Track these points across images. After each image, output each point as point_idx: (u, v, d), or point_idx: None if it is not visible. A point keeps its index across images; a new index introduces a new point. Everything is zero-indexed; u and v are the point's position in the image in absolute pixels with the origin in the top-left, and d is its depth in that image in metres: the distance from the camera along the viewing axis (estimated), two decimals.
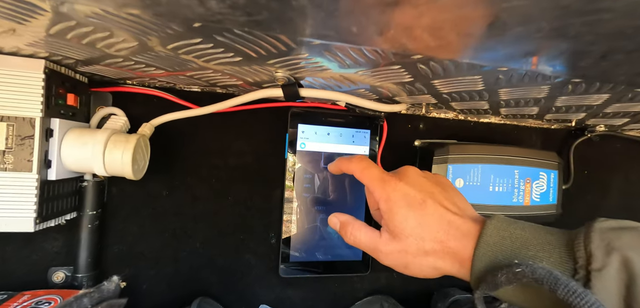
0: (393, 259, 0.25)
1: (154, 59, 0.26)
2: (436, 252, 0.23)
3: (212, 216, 0.39)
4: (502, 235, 0.21)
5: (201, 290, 0.39)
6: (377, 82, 0.31)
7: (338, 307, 0.43)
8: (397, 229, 0.24)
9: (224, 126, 0.39)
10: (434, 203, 0.24)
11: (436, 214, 0.24)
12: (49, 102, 0.27)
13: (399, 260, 0.24)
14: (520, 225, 0.22)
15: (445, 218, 0.24)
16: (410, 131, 0.45)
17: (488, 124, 0.48)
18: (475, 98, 0.35)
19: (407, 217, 0.24)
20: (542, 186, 0.45)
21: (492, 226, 0.22)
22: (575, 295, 0.16)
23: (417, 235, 0.24)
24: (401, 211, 0.24)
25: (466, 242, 0.23)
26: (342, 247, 0.41)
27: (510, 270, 0.19)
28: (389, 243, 0.25)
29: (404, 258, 0.24)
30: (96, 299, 0.20)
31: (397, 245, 0.24)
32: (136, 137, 0.30)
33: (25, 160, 0.26)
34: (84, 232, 0.33)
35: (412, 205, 0.24)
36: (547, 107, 0.38)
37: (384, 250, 0.25)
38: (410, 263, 0.24)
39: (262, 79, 0.31)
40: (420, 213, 0.24)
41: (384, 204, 0.25)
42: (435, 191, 0.25)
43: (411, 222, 0.24)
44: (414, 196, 0.25)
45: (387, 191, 0.25)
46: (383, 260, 0.25)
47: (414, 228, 0.24)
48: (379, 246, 0.25)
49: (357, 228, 0.27)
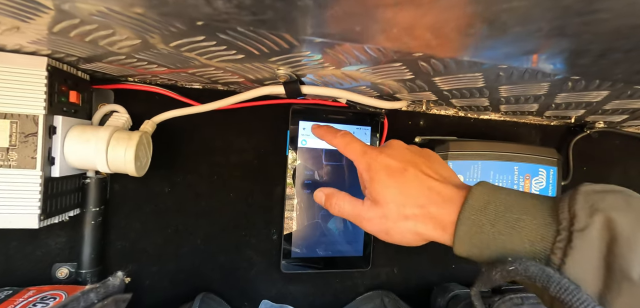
0: (374, 225, 0.25)
1: (156, 57, 0.26)
2: (416, 216, 0.24)
3: (214, 213, 0.40)
4: (487, 199, 0.21)
5: (203, 285, 0.39)
6: (378, 79, 0.31)
7: (339, 302, 0.44)
8: (378, 196, 0.25)
9: (226, 123, 0.40)
10: (415, 170, 0.25)
11: (416, 181, 0.24)
12: (52, 100, 0.27)
13: (380, 225, 0.25)
14: (505, 191, 0.22)
15: (425, 184, 0.24)
16: (411, 128, 0.45)
17: (488, 120, 0.49)
18: (476, 95, 0.35)
19: (388, 185, 0.25)
20: (541, 182, 0.45)
21: (478, 191, 0.22)
22: (567, 292, 0.16)
23: (398, 201, 0.24)
24: (381, 178, 0.25)
25: (449, 207, 0.23)
26: (343, 243, 0.42)
27: (503, 267, 0.19)
28: (370, 209, 0.25)
29: (385, 223, 0.25)
30: (102, 294, 0.20)
31: (378, 211, 0.25)
32: (139, 134, 0.30)
33: (29, 157, 0.26)
34: (87, 229, 0.33)
35: (393, 173, 0.25)
36: (546, 104, 0.38)
37: (366, 216, 0.25)
38: (390, 228, 0.25)
39: (263, 76, 0.31)
40: (400, 180, 0.24)
41: (365, 174, 0.26)
42: (417, 161, 0.26)
43: (392, 190, 0.24)
44: (394, 165, 0.25)
45: (368, 161, 0.26)
46: (366, 227, 0.26)
47: (394, 195, 0.24)
48: (361, 213, 0.26)
49: (342, 198, 0.28)
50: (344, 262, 0.42)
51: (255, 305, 0.41)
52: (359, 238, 0.42)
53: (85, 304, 0.19)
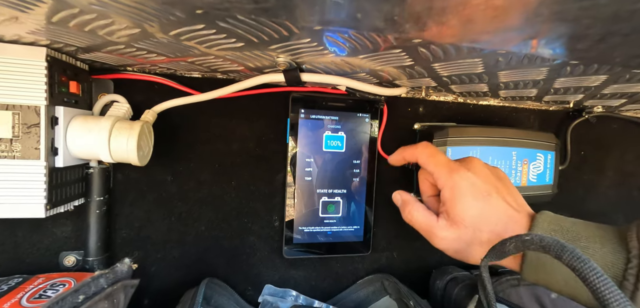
0: (447, 244, 0.25)
1: (155, 46, 0.26)
2: (490, 243, 0.23)
3: (217, 200, 0.40)
4: (553, 228, 0.22)
5: (208, 271, 0.40)
6: (377, 66, 0.31)
7: (340, 286, 0.45)
8: (457, 217, 0.25)
9: (226, 112, 0.40)
10: (498, 197, 0.25)
11: (499, 208, 0.25)
12: (53, 90, 0.28)
13: (453, 245, 0.25)
14: (570, 220, 0.23)
15: (506, 213, 0.24)
16: (410, 114, 0.46)
17: (487, 106, 0.49)
18: (475, 81, 0.35)
19: (471, 207, 0.25)
20: (539, 167, 0.46)
21: (542, 219, 0.23)
22: (579, 260, 0.17)
23: (476, 226, 0.24)
24: (466, 200, 0.25)
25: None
26: (344, 228, 0.43)
27: (519, 239, 0.20)
28: (445, 228, 0.25)
29: (458, 245, 0.25)
30: (112, 279, 0.21)
31: (453, 231, 0.25)
32: (140, 124, 0.31)
33: (33, 148, 0.27)
34: (93, 217, 0.34)
35: (478, 196, 0.25)
36: (545, 88, 0.38)
37: (439, 235, 0.26)
38: (463, 250, 0.25)
39: (263, 64, 0.31)
40: (484, 204, 0.25)
41: (448, 191, 0.26)
42: (499, 186, 0.26)
43: (473, 212, 0.25)
44: (480, 187, 0.25)
45: (455, 179, 0.26)
46: (436, 243, 0.26)
47: (474, 218, 0.24)
48: (435, 230, 0.26)
49: (416, 208, 0.28)
50: (344, 247, 0.43)
51: (258, 289, 0.42)
52: (359, 224, 0.43)
53: (95, 289, 0.20)
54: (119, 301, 0.21)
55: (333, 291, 0.44)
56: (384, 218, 0.45)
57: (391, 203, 0.33)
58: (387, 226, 0.45)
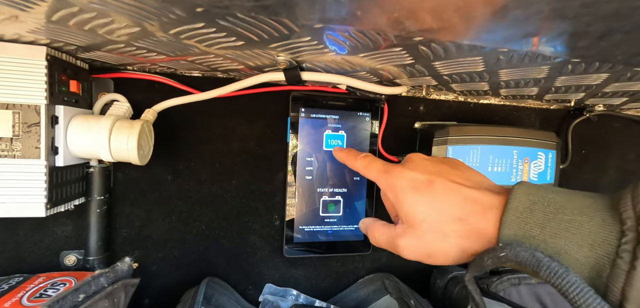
0: (413, 250, 0.23)
1: (155, 44, 0.26)
2: (457, 232, 0.21)
3: (217, 199, 0.40)
4: (532, 200, 0.19)
5: (208, 270, 0.40)
6: (378, 65, 0.31)
7: (340, 285, 0.45)
8: (408, 216, 0.23)
9: (226, 111, 0.40)
10: (443, 180, 0.22)
11: (448, 191, 0.22)
12: (53, 89, 0.28)
13: (419, 249, 0.22)
14: (552, 190, 0.19)
15: (459, 194, 0.22)
16: (411, 113, 0.46)
17: (488, 105, 0.49)
18: (476, 79, 0.35)
19: (416, 202, 0.22)
20: (540, 166, 0.46)
21: (521, 192, 0.19)
22: (556, 276, 0.16)
23: (432, 219, 0.22)
24: (407, 197, 0.23)
25: (490, 215, 0.20)
26: (344, 227, 0.43)
27: (494, 254, 0.19)
28: (404, 234, 0.23)
29: (424, 247, 0.22)
30: (112, 278, 0.21)
31: (413, 234, 0.22)
32: (140, 123, 0.31)
33: (33, 147, 0.27)
34: (93, 217, 0.34)
35: (418, 188, 0.23)
36: (546, 87, 0.38)
37: (401, 244, 0.23)
38: (431, 251, 0.22)
39: (263, 63, 0.31)
40: (428, 194, 0.22)
41: (390, 194, 0.24)
42: (442, 170, 0.24)
43: (421, 206, 0.22)
44: (418, 178, 0.23)
45: (391, 180, 0.24)
46: (405, 255, 0.23)
47: (426, 212, 0.22)
48: (396, 241, 0.24)
49: (375, 228, 0.26)
50: (345, 246, 0.43)
51: (259, 288, 0.42)
52: None
53: (96, 288, 0.20)
54: (119, 300, 0.21)
55: (334, 290, 0.44)
56: (385, 217, 0.45)
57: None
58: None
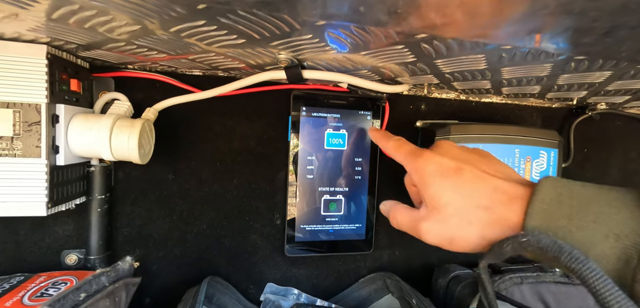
0: (435, 235, 0.23)
1: (155, 43, 0.26)
2: (481, 221, 0.21)
3: (218, 198, 0.40)
4: (559, 192, 0.19)
5: (210, 270, 0.40)
6: (379, 63, 0.30)
7: (342, 284, 0.45)
8: (433, 200, 0.23)
9: (227, 110, 0.39)
10: (471, 168, 0.22)
11: (476, 180, 0.22)
12: (53, 88, 0.27)
13: (442, 234, 0.22)
14: (579, 183, 0.20)
15: (486, 183, 0.22)
16: (412, 112, 0.45)
17: (489, 103, 0.48)
18: (478, 77, 0.35)
19: (443, 186, 0.22)
20: (542, 164, 0.45)
21: (548, 184, 0.20)
22: (577, 262, 0.16)
23: (458, 205, 0.22)
24: (435, 180, 0.23)
25: (517, 205, 0.20)
26: (346, 227, 0.42)
27: (515, 240, 0.19)
28: (427, 218, 0.23)
29: (447, 231, 0.22)
30: (113, 278, 0.21)
31: (436, 219, 0.22)
32: (141, 122, 0.31)
33: (34, 146, 0.27)
34: (94, 216, 0.34)
35: (446, 173, 0.23)
36: (549, 85, 0.38)
37: (424, 227, 0.23)
38: (454, 236, 0.22)
39: (264, 62, 0.31)
40: (456, 180, 0.22)
41: (416, 177, 0.24)
42: (473, 159, 0.24)
43: (448, 192, 0.22)
44: (447, 164, 0.23)
45: (419, 163, 0.24)
46: (426, 239, 0.23)
47: (452, 198, 0.22)
48: (419, 224, 0.23)
49: (397, 210, 0.26)
50: (346, 245, 0.43)
51: (260, 288, 0.42)
52: (361, 222, 0.43)
53: (97, 287, 0.20)
54: (120, 299, 0.21)
55: (335, 289, 0.44)
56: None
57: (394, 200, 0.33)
58: (389, 224, 0.45)
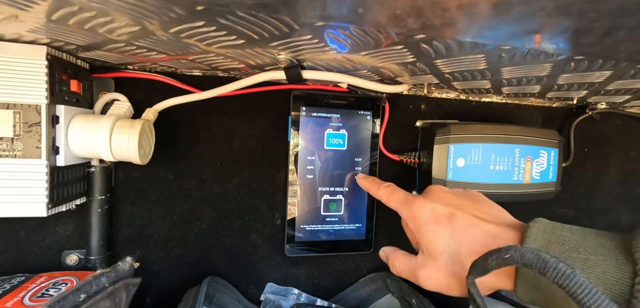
0: (433, 282, 0.23)
1: (155, 43, 0.26)
2: None
3: (218, 199, 0.40)
4: (548, 238, 0.20)
5: (210, 270, 0.40)
6: (379, 63, 0.30)
7: (342, 284, 0.45)
8: (429, 247, 0.23)
9: (227, 110, 0.40)
10: (463, 214, 0.23)
11: (467, 225, 0.23)
12: (53, 89, 0.27)
13: (439, 281, 0.23)
14: (566, 228, 0.20)
15: (479, 228, 0.22)
16: (412, 112, 0.45)
17: (489, 103, 0.48)
18: (478, 77, 0.35)
19: (437, 233, 0.23)
20: (543, 164, 0.45)
21: (536, 229, 0.20)
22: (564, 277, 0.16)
23: (452, 251, 0.22)
24: (429, 228, 0.24)
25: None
26: (346, 227, 0.43)
27: (499, 255, 0.19)
28: (425, 266, 0.24)
29: (443, 278, 0.23)
30: (113, 278, 0.21)
31: (433, 265, 0.23)
32: (141, 122, 0.31)
33: (34, 147, 0.27)
34: (95, 216, 0.34)
35: (440, 220, 0.23)
36: (549, 85, 0.38)
37: (422, 274, 0.24)
38: (451, 283, 0.22)
39: (264, 62, 0.31)
40: (449, 227, 0.23)
41: (412, 224, 0.25)
42: (463, 203, 0.24)
43: (442, 238, 0.23)
44: (440, 211, 0.24)
45: (413, 210, 0.25)
46: (425, 285, 0.24)
47: (446, 245, 0.23)
48: (416, 271, 0.24)
49: (396, 257, 0.27)
50: (346, 245, 0.43)
51: (260, 288, 0.42)
52: (361, 222, 0.43)
53: (97, 288, 0.20)
54: (121, 300, 0.21)
55: (335, 289, 0.44)
56: (386, 216, 0.45)
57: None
58: (389, 224, 0.45)
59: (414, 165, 0.44)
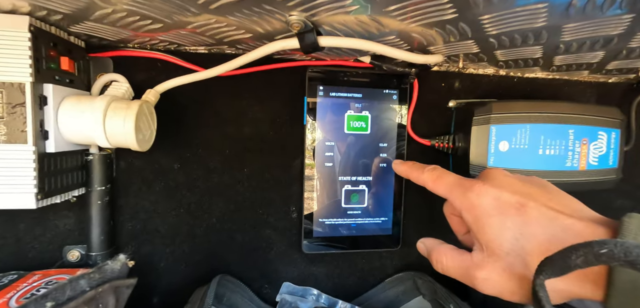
0: (494, 285, 0.20)
1: (147, 7, 0.23)
2: None
3: (228, 189, 0.36)
4: None
5: (221, 267, 0.37)
6: (410, 24, 0.25)
7: (366, 284, 0.40)
8: (491, 244, 0.19)
9: (237, 92, 0.36)
10: (537, 205, 0.19)
11: (543, 219, 0.19)
12: (39, 66, 0.24)
13: (503, 285, 0.19)
14: None
15: (557, 224, 0.18)
16: (444, 90, 0.40)
17: (533, 79, 0.42)
18: (530, 40, 0.29)
19: (503, 228, 0.19)
20: (601, 147, 0.39)
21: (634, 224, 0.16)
22: None
23: (521, 250, 0.19)
24: (493, 221, 0.19)
25: None
26: (370, 221, 0.38)
27: (590, 250, 0.14)
28: (485, 265, 0.20)
29: (508, 282, 0.19)
30: (97, 281, 0.18)
31: (495, 265, 0.19)
32: (138, 103, 0.27)
33: (19, 131, 0.24)
34: (94, 209, 0.31)
35: (507, 211, 0.19)
36: (617, 50, 0.31)
37: (479, 276, 0.20)
38: (516, 288, 0.19)
39: (274, 28, 0.26)
40: (520, 220, 0.19)
41: (468, 215, 0.21)
42: (534, 192, 0.20)
43: (510, 233, 0.19)
44: (507, 200, 0.20)
45: (470, 198, 0.21)
46: (483, 289, 0.20)
47: (515, 241, 0.19)
48: (472, 271, 0.20)
49: (443, 253, 0.23)
50: (371, 241, 0.38)
51: (276, 287, 0.38)
52: (387, 215, 0.38)
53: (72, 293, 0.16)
54: (106, 305, 0.18)
55: (358, 290, 0.40)
56: (415, 208, 0.40)
57: (423, 191, 0.28)
58: (419, 217, 0.40)
59: (447, 151, 0.39)
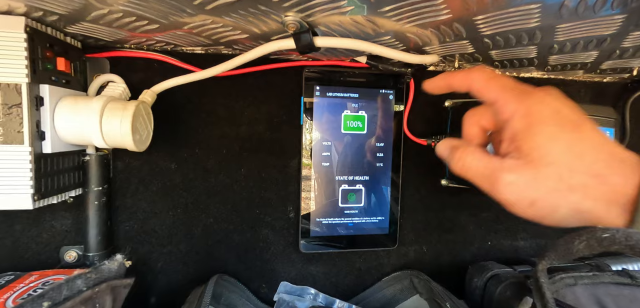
0: (516, 191, 0.19)
1: (143, 7, 0.23)
2: (587, 189, 0.18)
3: (225, 189, 0.37)
4: None
5: (218, 267, 0.37)
6: (405, 25, 0.26)
7: (364, 283, 0.40)
8: (535, 152, 0.19)
9: (234, 92, 0.36)
10: (592, 128, 0.19)
11: (595, 140, 0.18)
12: (36, 66, 0.24)
13: (526, 193, 0.19)
14: None
15: (605, 148, 0.18)
16: None
17: (529, 79, 0.42)
18: (524, 41, 0.29)
19: (554, 139, 0.19)
20: None
21: None
22: None
23: (565, 164, 0.18)
24: (548, 130, 0.19)
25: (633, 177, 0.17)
26: (367, 220, 0.38)
27: (592, 235, 0.15)
28: (515, 170, 0.19)
29: (534, 190, 0.19)
30: (93, 281, 0.18)
31: (528, 173, 0.19)
32: (134, 104, 0.27)
33: (16, 132, 0.24)
34: (91, 209, 0.31)
35: (564, 125, 0.19)
36: (610, 50, 0.32)
37: (506, 179, 0.19)
38: (540, 199, 0.19)
39: (270, 29, 0.27)
40: (574, 136, 0.18)
41: (520, 121, 0.20)
42: (587, 118, 0.20)
43: (560, 146, 0.18)
44: (567, 115, 0.19)
45: (529, 103, 0.20)
46: (501, 191, 0.20)
47: (562, 154, 0.18)
48: (498, 173, 0.20)
49: (470, 152, 0.22)
50: (368, 241, 0.38)
51: (273, 286, 0.38)
52: (384, 214, 0.38)
53: (69, 293, 0.16)
54: (103, 305, 0.18)
55: (355, 289, 0.40)
56: (412, 207, 0.40)
57: (420, 190, 0.28)
58: (416, 216, 0.40)
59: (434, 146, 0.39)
